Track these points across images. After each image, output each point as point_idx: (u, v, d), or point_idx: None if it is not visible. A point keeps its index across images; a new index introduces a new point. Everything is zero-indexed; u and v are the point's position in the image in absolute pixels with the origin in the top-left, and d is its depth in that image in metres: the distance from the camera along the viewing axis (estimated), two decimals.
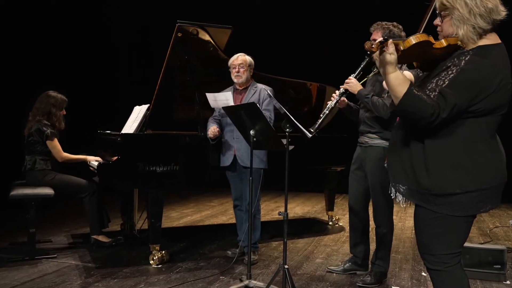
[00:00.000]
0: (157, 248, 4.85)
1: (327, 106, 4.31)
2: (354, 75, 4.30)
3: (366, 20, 4.43)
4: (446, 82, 2.31)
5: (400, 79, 2.36)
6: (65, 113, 5.60)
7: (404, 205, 2.76)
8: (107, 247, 5.39)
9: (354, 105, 4.61)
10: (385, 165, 2.77)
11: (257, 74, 5.30)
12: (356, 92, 4.28)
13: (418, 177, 2.44)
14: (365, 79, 4.46)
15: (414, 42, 2.39)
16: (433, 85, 2.36)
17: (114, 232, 5.96)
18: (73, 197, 5.41)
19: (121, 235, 5.71)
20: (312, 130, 4.14)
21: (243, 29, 6.88)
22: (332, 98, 4.37)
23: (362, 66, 4.30)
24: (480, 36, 2.37)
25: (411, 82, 2.39)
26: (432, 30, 2.57)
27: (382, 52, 2.37)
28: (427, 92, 2.35)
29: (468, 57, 2.32)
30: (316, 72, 8.03)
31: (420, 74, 2.85)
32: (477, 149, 2.37)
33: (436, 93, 2.31)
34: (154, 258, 4.81)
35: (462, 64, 2.31)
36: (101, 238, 5.44)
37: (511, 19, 2.46)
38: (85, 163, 5.57)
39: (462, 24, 2.36)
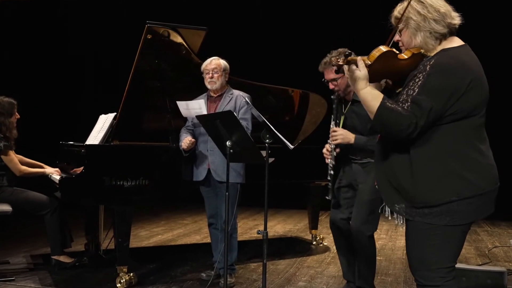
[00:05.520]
0: (125, 270, 4.82)
1: (329, 166, 4.20)
2: (333, 123, 4.28)
3: (354, 23, 4.46)
4: (416, 90, 2.49)
5: (372, 94, 2.57)
6: (18, 116, 5.50)
7: (402, 225, 2.84)
8: (69, 268, 5.34)
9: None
10: (376, 186, 2.86)
11: (233, 79, 5.30)
12: (352, 142, 4.13)
13: (411, 192, 2.56)
14: (342, 117, 4.37)
15: (377, 55, 2.59)
16: (404, 96, 2.53)
17: (78, 252, 5.89)
18: (33, 214, 5.35)
19: (85, 255, 5.67)
20: (328, 197, 4.21)
21: (218, 31, 6.93)
22: (326, 156, 4.24)
23: (334, 107, 4.32)
24: (439, 40, 2.62)
25: (384, 96, 2.54)
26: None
27: (349, 65, 2.53)
28: (400, 104, 2.50)
29: (433, 61, 2.53)
30: (298, 77, 8.05)
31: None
32: (466, 154, 2.52)
33: (408, 103, 2.47)
34: (122, 281, 4.78)
35: (428, 69, 2.50)
36: (63, 258, 5.39)
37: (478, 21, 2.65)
38: (45, 177, 5.53)
39: (419, 31, 2.61)
